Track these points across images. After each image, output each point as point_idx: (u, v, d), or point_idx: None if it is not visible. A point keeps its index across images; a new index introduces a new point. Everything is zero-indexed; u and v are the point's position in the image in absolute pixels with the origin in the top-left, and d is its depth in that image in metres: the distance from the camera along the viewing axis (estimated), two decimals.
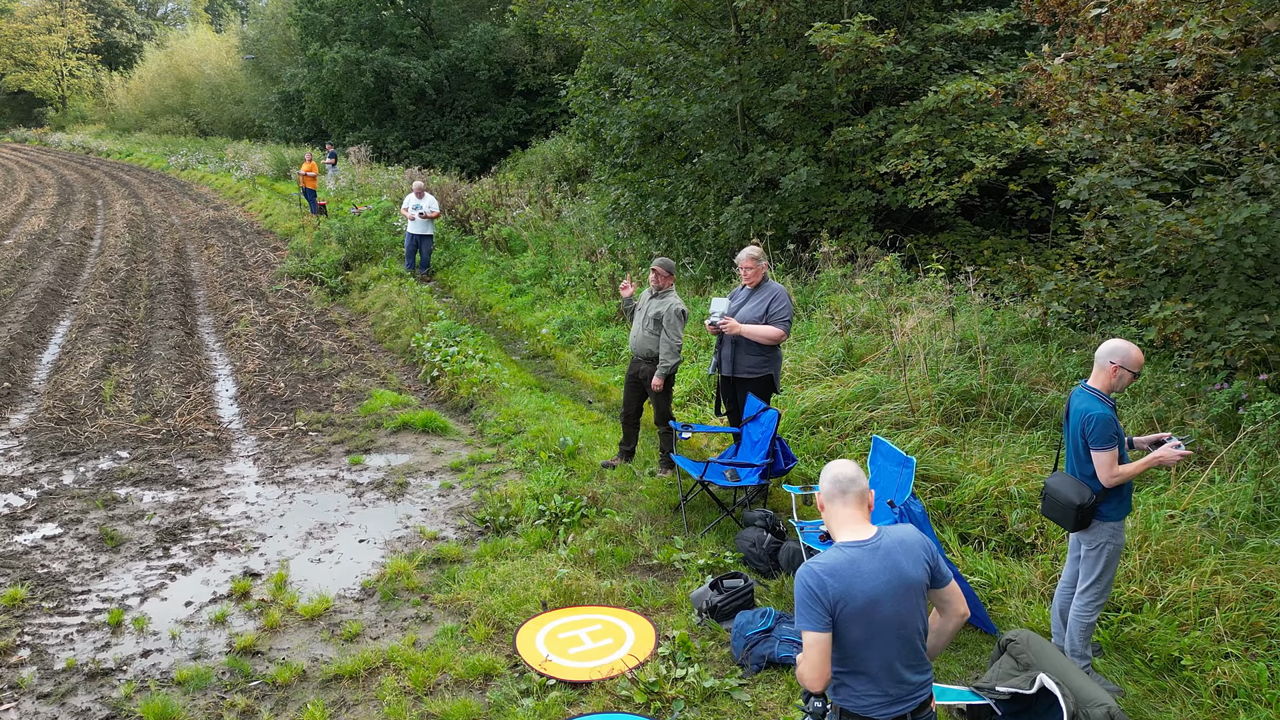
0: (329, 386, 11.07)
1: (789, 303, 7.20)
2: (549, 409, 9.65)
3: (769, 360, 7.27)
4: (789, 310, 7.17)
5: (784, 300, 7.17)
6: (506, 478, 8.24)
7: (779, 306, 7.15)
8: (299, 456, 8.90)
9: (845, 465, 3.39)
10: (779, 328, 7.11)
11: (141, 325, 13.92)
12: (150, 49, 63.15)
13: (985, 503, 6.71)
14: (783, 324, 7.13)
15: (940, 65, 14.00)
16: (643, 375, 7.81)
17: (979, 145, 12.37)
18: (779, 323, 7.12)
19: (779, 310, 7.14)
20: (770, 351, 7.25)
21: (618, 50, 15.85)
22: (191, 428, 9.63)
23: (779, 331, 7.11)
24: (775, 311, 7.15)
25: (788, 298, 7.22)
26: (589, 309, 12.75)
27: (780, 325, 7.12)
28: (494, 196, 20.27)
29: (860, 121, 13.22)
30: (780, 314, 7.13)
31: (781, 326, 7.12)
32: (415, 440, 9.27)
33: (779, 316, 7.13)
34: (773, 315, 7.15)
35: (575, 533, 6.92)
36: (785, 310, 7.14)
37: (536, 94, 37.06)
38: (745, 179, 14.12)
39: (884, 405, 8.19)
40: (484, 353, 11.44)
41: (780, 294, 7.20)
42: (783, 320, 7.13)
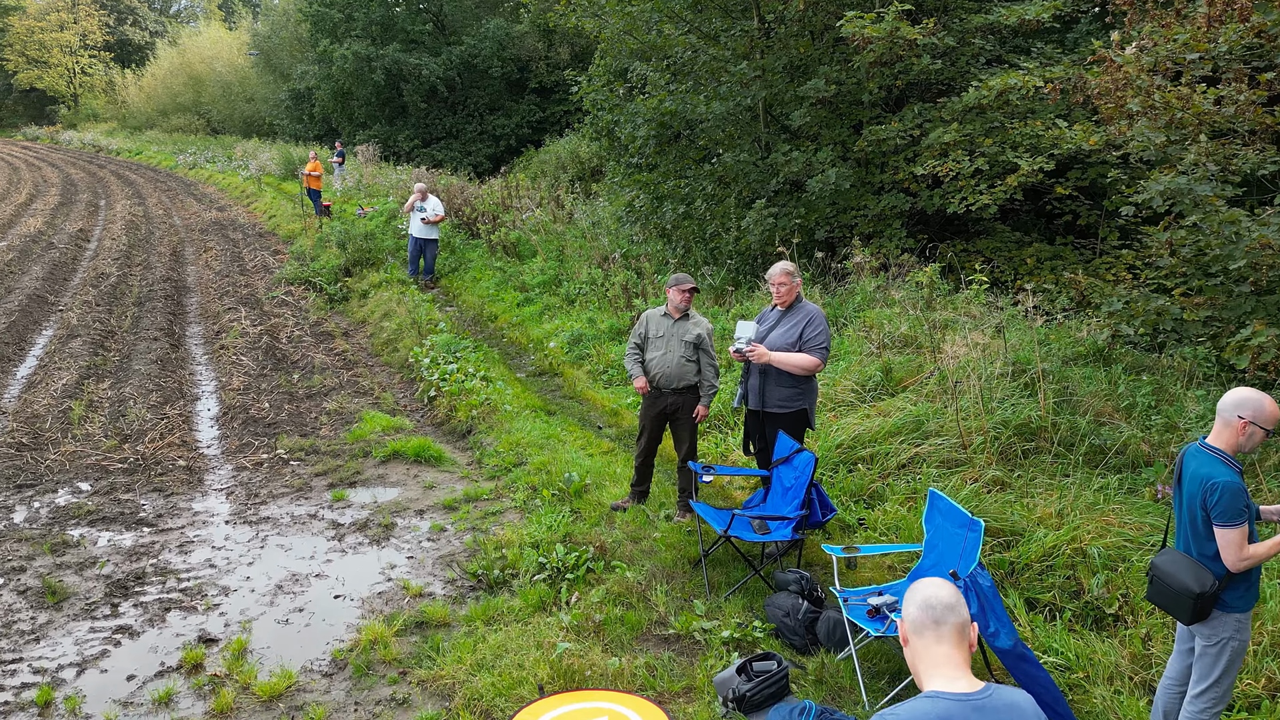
0: (317, 407, 10.20)
1: (826, 327, 6.27)
2: (554, 436, 8.74)
3: (803, 393, 6.34)
4: (826, 336, 6.24)
5: (820, 324, 6.24)
6: (504, 519, 7.34)
7: (814, 332, 6.22)
8: (277, 490, 8.03)
9: (940, 589, 2.47)
10: (815, 356, 6.19)
11: (125, 336, 13.10)
12: (163, 46, 62.60)
13: (1056, 562, 5.76)
14: (819, 352, 6.20)
15: (978, 59, 13.02)
16: (671, 409, 6.90)
17: (1023, 145, 11.40)
18: (815, 350, 6.19)
19: (815, 336, 6.22)
20: (804, 383, 6.32)
21: (633, 44, 14.92)
22: (163, 455, 8.77)
23: (815, 361, 6.18)
24: (810, 337, 6.22)
25: (824, 321, 6.29)
26: (600, 321, 11.84)
27: (816, 353, 6.19)
28: (503, 198, 19.38)
29: (893, 119, 12.26)
30: (816, 340, 6.21)
31: (818, 355, 6.19)
32: (406, 472, 8.38)
33: (815, 343, 6.20)
34: (807, 341, 6.22)
35: (580, 591, 6.02)
36: (822, 336, 6.22)
37: (550, 91, 36.19)
38: (768, 181, 13.18)
39: (931, 440, 7.25)
40: (485, 370, 10.55)
41: (816, 317, 6.27)
42: (819, 348, 6.20)
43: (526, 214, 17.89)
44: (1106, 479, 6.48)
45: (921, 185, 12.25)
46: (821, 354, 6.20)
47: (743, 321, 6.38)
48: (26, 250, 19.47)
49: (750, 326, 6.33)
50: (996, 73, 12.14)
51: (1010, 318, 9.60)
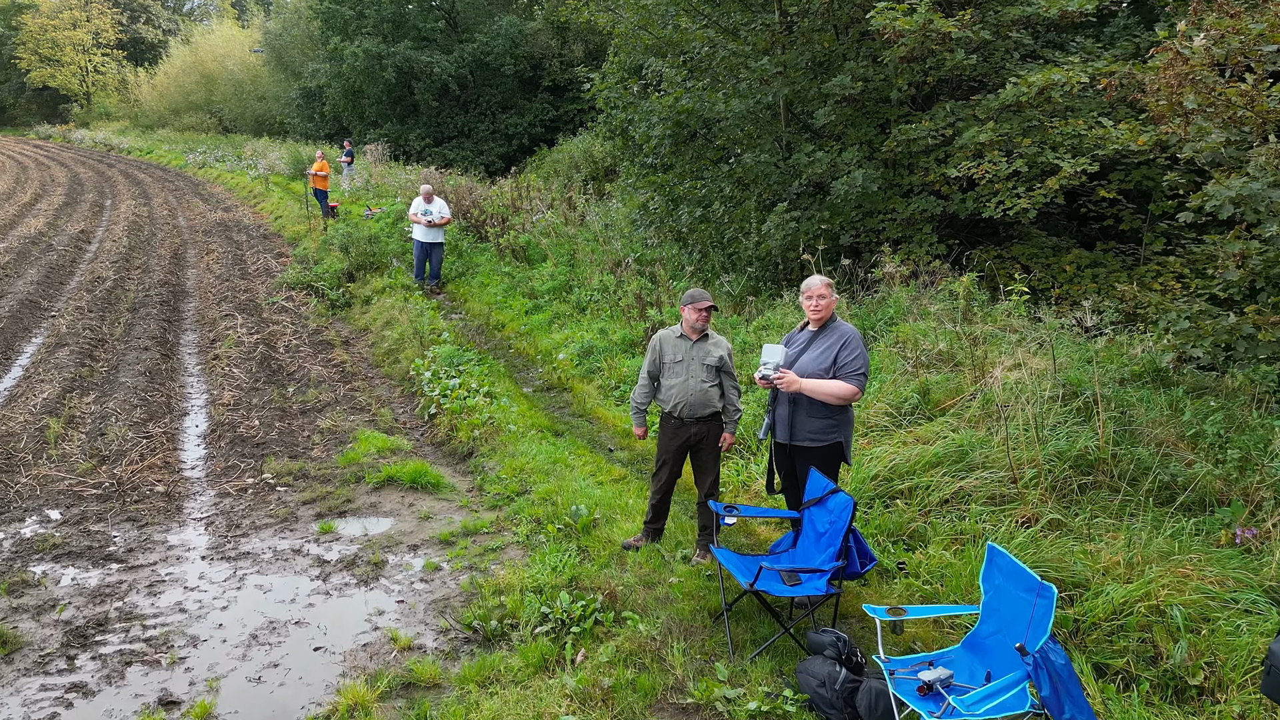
0: (310, 424, 9.57)
1: (863, 350, 5.58)
2: (561, 461, 8.08)
3: (838, 424, 5.65)
4: (864, 361, 5.55)
5: (857, 347, 5.56)
6: (505, 556, 6.68)
7: (851, 356, 5.54)
8: (260, 521, 7.39)
9: None
10: (852, 384, 5.50)
11: (116, 345, 12.51)
12: (175, 45, 62.27)
13: (1128, 621, 5.06)
14: (856, 379, 5.51)
15: (1011, 55, 12.29)
16: (695, 439, 6.23)
17: (1064, 145, 10.68)
18: (851, 377, 5.51)
19: (851, 360, 5.53)
20: (839, 413, 5.64)
21: (647, 40, 14.24)
22: (142, 479, 8.15)
23: (851, 389, 5.50)
24: (846, 362, 5.53)
25: (861, 344, 5.60)
26: (612, 332, 11.17)
27: (853, 380, 5.51)
28: (513, 199, 18.73)
29: (924, 118, 11.54)
30: (852, 365, 5.52)
31: (854, 382, 5.51)
32: (400, 500, 7.73)
33: (851, 369, 5.52)
34: (843, 367, 5.54)
35: (586, 648, 5.35)
36: (859, 361, 5.53)
37: (564, 89, 35.56)
38: (790, 183, 12.48)
39: (976, 472, 6.55)
40: (490, 384, 9.90)
41: (852, 339, 5.58)
42: (856, 374, 5.51)
43: (537, 216, 17.24)
44: (1180, 522, 5.77)
45: (953, 188, 11.55)
46: (859, 381, 5.52)
47: (769, 345, 5.70)
48: (25, 252, 18.94)
49: (778, 351, 5.65)
50: (1033, 69, 11.43)
51: (1055, 332, 8.90)
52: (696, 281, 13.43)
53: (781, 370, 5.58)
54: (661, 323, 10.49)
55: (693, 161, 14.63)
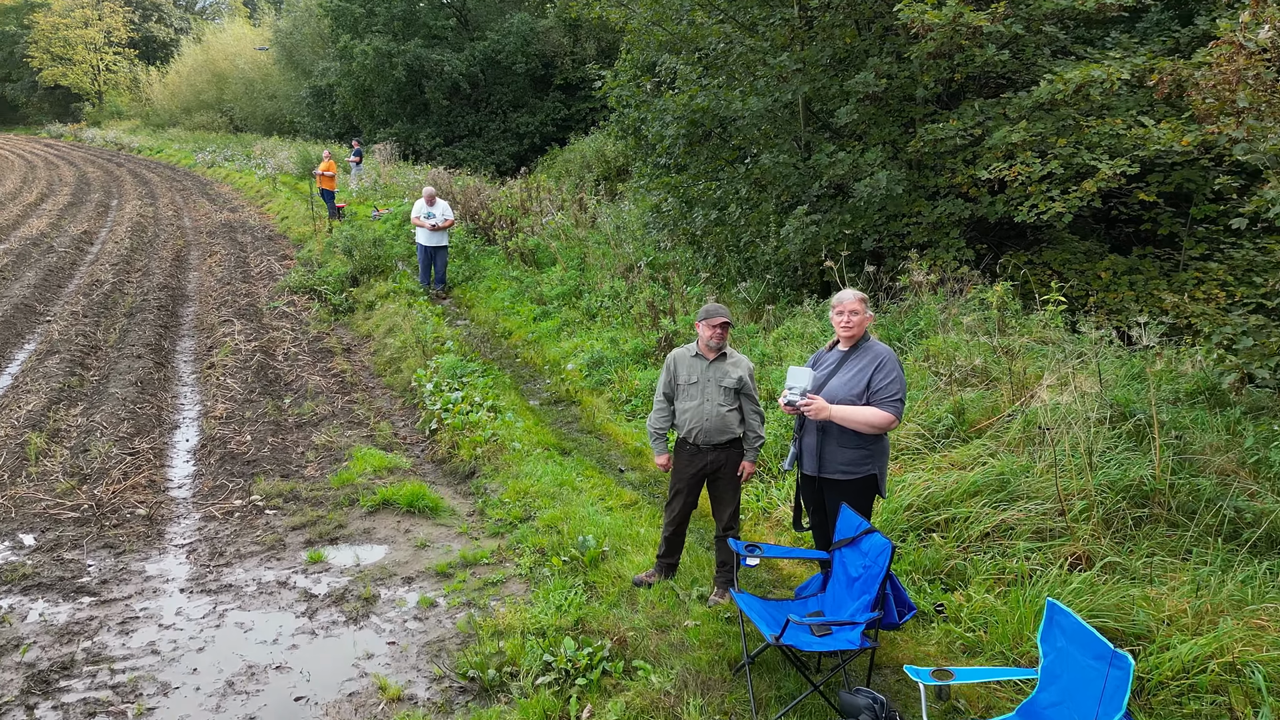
0: (305, 440, 9.09)
1: (900, 373, 5.05)
2: (568, 483, 7.56)
3: (871, 455, 5.12)
4: (901, 385, 5.02)
5: (893, 370, 5.02)
6: (506, 590, 6.18)
7: (886, 379, 5.00)
8: (245, 548, 6.90)
9: None
10: (887, 411, 4.97)
11: (109, 352, 12.06)
12: (187, 43, 62.02)
13: (1199, 681, 4.52)
14: (892, 405, 4.98)
15: (1042, 50, 11.70)
16: (712, 467, 5.71)
17: (1101, 146, 10.10)
18: (887, 404, 4.97)
19: (886, 384, 4.99)
20: (873, 443, 5.11)
21: (661, 36, 13.71)
22: (123, 500, 7.67)
23: (887, 417, 4.97)
24: (880, 386, 5.00)
25: (898, 366, 5.06)
26: (623, 341, 10.65)
27: (889, 407, 4.97)
28: (522, 201, 18.22)
29: (951, 117, 10.97)
30: (888, 390, 4.99)
31: (890, 409, 4.97)
32: (396, 525, 7.23)
33: (887, 394, 4.98)
34: (877, 391, 5.00)
35: (593, 703, 4.84)
36: (896, 385, 5.00)
37: (576, 88, 35.07)
38: (810, 184, 11.93)
39: (1019, 503, 6.01)
40: (494, 398, 9.39)
41: (887, 360, 5.05)
42: (892, 400, 4.98)
43: (547, 218, 16.74)
44: (1251, 565, 5.21)
45: (982, 190, 11.00)
46: (896, 408, 4.98)
47: (795, 368, 5.16)
48: (25, 254, 18.55)
49: (805, 374, 5.11)
50: (1068, 65, 10.87)
51: (1095, 345, 8.35)
52: (711, 287, 12.91)
53: (809, 396, 5.05)
54: (675, 333, 9.97)
55: (708, 162, 14.10)
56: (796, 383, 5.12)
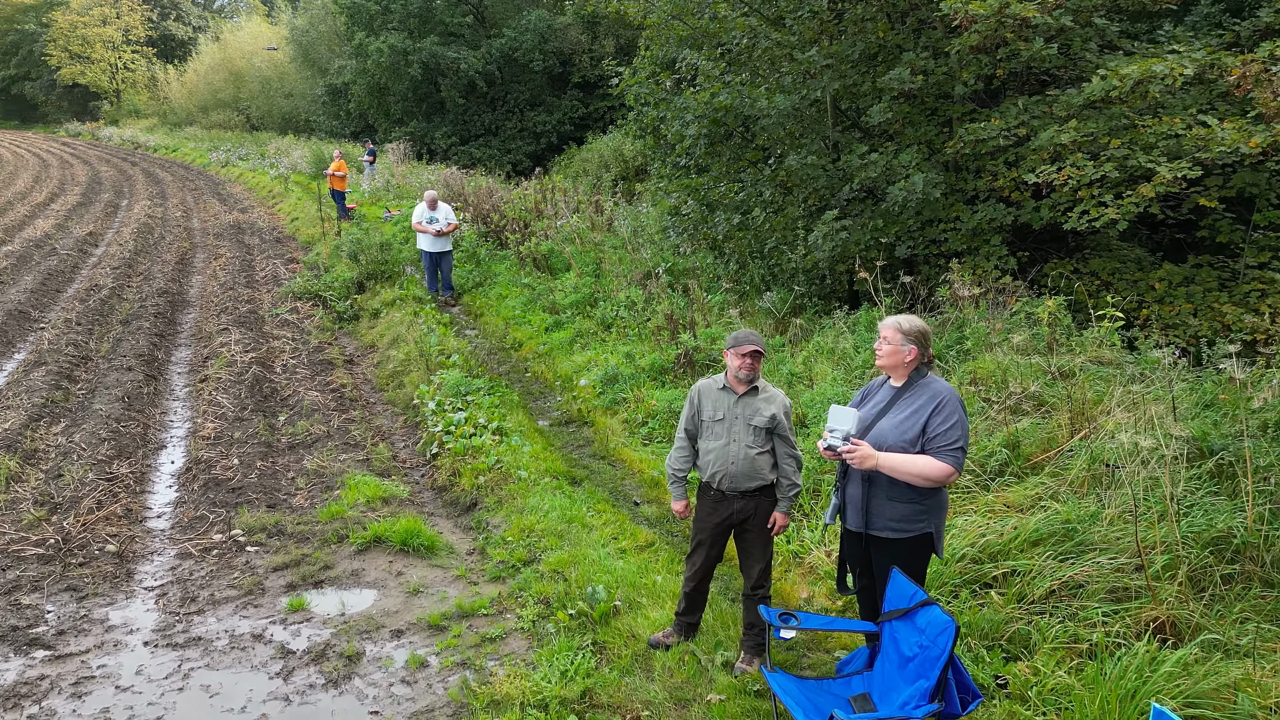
0: (296, 464, 8.44)
1: (962, 417, 4.31)
2: (577, 519, 6.87)
3: (926, 510, 4.40)
4: (962, 431, 4.28)
5: (953, 413, 4.29)
6: (506, 649, 5.49)
7: (945, 424, 4.27)
8: (220, 593, 6.25)
9: None
10: (945, 461, 4.24)
11: (100, 363, 11.47)
12: (205, 42, 61.78)
13: None
14: (951, 455, 4.25)
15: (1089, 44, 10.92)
16: (739, 517, 5.00)
17: (1158, 147, 9.32)
18: (945, 453, 4.25)
19: (944, 430, 4.27)
20: (928, 497, 4.38)
21: (682, 31, 12.97)
22: (94, 534, 7.04)
23: (944, 469, 4.24)
24: (938, 432, 4.27)
25: (959, 408, 4.33)
26: (640, 356, 9.94)
27: (947, 457, 4.25)
28: (536, 203, 17.54)
29: (993, 116, 10.22)
30: (947, 438, 4.26)
31: (948, 459, 4.25)
32: (388, 566, 6.56)
33: (945, 442, 4.25)
34: (934, 438, 4.28)
35: None
36: (956, 432, 4.26)
37: (594, 86, 34.41)
38: (840, 187, 11.20)
39: (1089, 555, 5.27)
40: (500, 419, 8.71)
41: (947, 401, 4.31)
42: (951, 449, 4.25)
43: (561, 221, 16.05)
44: None
45: (1024, 195, 10.25)
46: (955, 458, 4.25)
47: (838, 407, 4.44)
48: (26, 256, 18.05)
49: (848, 415, 4.39)
50: (1121, 60, 10.09)
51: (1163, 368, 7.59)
52: (734, 296, 12.19)
53: (853, 440, 4.34)
54: (695, 348, 9.26)
55: (730, 163, 13.39)
56: (838, 424, 4.41)
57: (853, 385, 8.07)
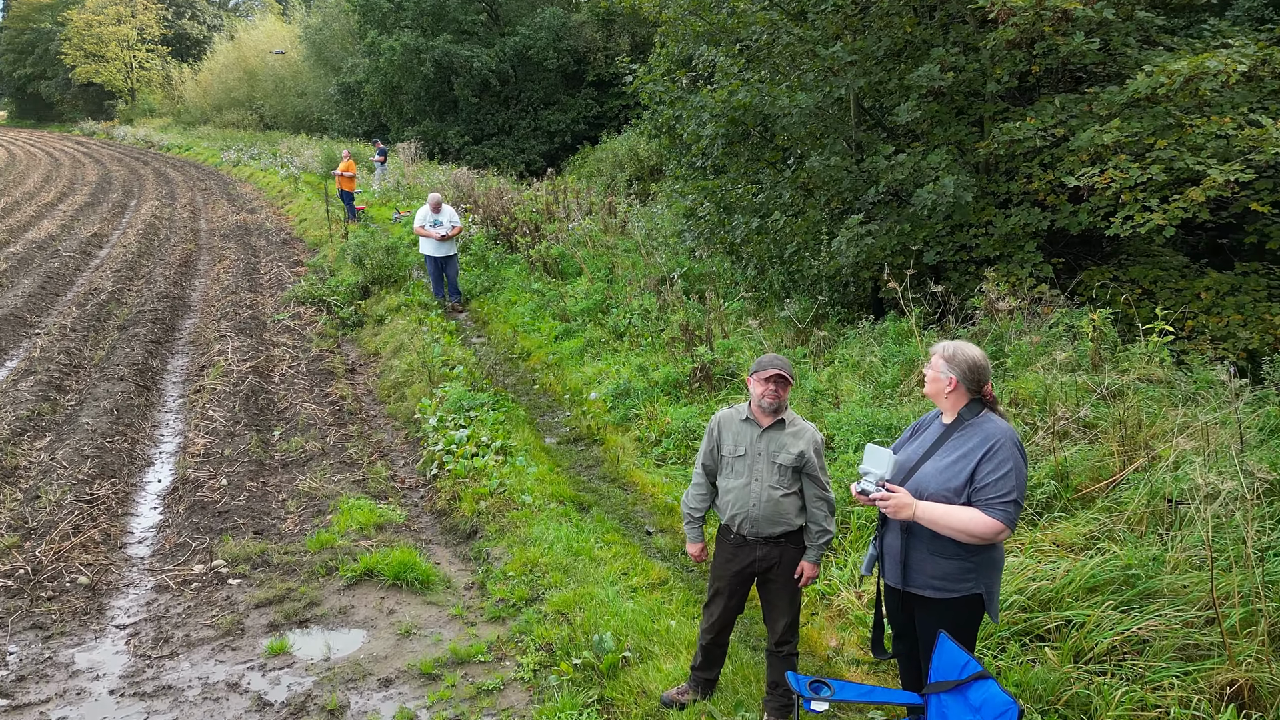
0: (288, 484, 7.95)
1: (1018, 464, 3.73)
2: (585, 552, 6.34)
3: (975, 568, 3.84)
4: (1016, 482, 3.69)
5: (1007, 460, 3.71)
6: (503, 702, 4.98)
7: (996, 472, 3.70)
8: (197, 632, 5.76)
9: None
10: (993, 516, 3.67)
11: (92, 372, 11.03)
12: (219, 40, 61.61)
13: None
14: (1000, 509, 3.68)
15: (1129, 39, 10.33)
16: (762, 565, 4.46)
17: (1207, 148, 8.73)
18: (994, 506, 3.68)
19: (995, 479, 3.69)
20: (977, 553, 3.82)
21: (699, 26, 12.41)
22: (67, 563, 6.56)
23: (992, 524, 3.67)
24: (987, 481, 3.70)
25: (1016, 454, 3.74)
26: (653, 368, 9.41)
27: (995, 511, 3.68)
28: (547, 205, 17.03)
29: (1028, 115, 9.65)
30: (997, 489, 3.68)
31: (997, 514, 3.67)
32: (379, 603, 6.05)
33: (996, 494, 3.68)
34: (982, 487, 3.71)
35: None
36: (1009, 483, 3.68)
37: (609, 85, 33.91)
38: (865, 190, 10.64)
39: (1154, 606, 4.71)
40: (505, 437, 8.21)
41: (1001, 445, 3.74)
42: (1001, 502, 3.68)
43: (573, 224, 15.53)
44: None
45: (1060, 198, 9.68)
46: (1005, 512, 3.68)
47: (873, 447, 3.90)
48: (28, 259, 17.66)
49: (884, 457, 3.84)
50: (1156, 55, 9.51)
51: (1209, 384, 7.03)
52: (752, 303, 11.65)
53: (888, 486, 3.80)
54: (712, 362, 8.72)
55: (748, 164, 12.84)
56: (873, 467, 3.87)
57: (882, 404, 7.52)
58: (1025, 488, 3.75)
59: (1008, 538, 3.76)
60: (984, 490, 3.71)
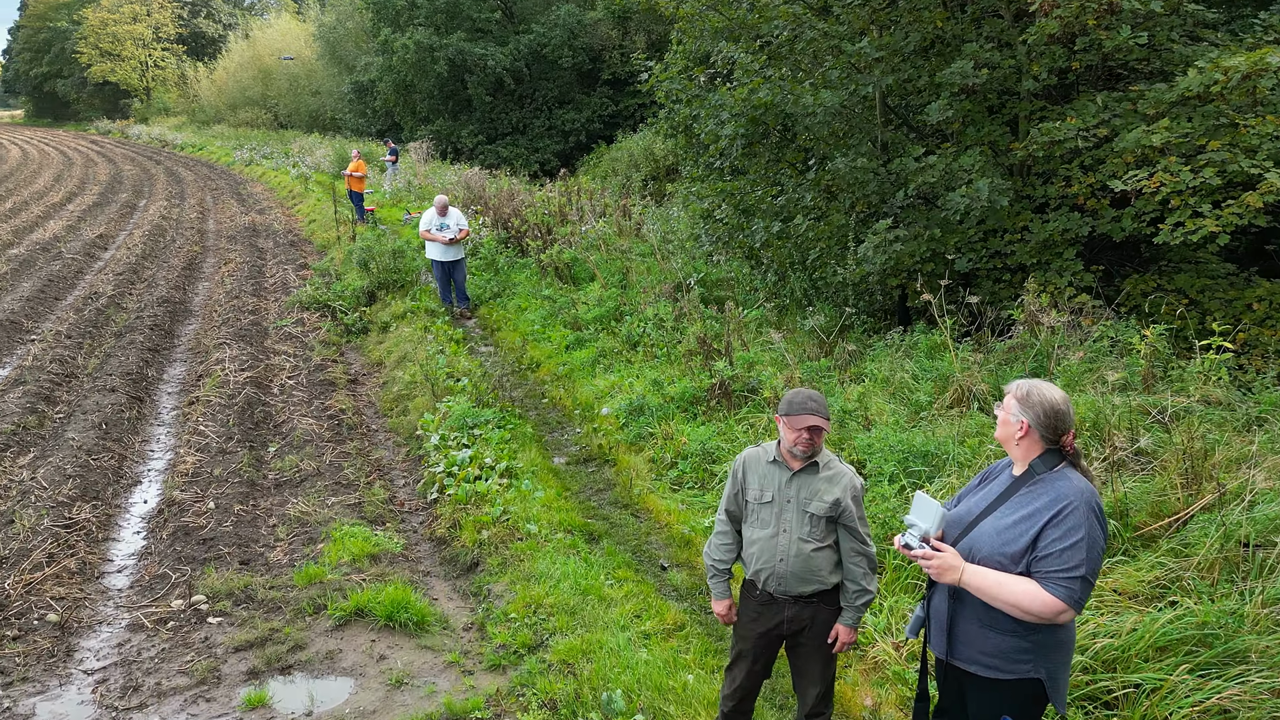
0: (280, 508, 7.47)
1: (1091, 531, 3.10)
2: (594, 590, 5.82)
3: (1033, 647, 3.25)
4: (1088, 553, 3.07)
5: (1078, 525, 3.10)
6: None
7: (1064, 540, 3.10)
8: (169, 680, 5.27)
9: None
10: (1053, 593, 3.09)
11: (84, 382, 10.59)
12: (234, 39, 61.42)
13: None
14: (1062, 584, 3.09)
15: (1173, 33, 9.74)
16: (791, 628, 3.93)
17: (1263, 150, 8.14)
18: (1055, 580, 3.09)
19: (1061, 548, 3.10)
20: (1038, 630, 3.23)
21: (717, 22, 11.89)
22: (38, 597, 6.10)
23: (1050, 602, 3.09)
24: (1051, 549, 3.11)
25: (1091, 520, 3.12)
26: (669, 383, 8.87)
27: (1056, 586, 3.09)
28: (560, 206, 16.53)
29: (1068, 114, 9.08)
30: (1062, 560, 3.08)
31: (1058, 590, 3.09)
32: (369, 647, 5.55)
33: (1058, 566, 3.09)
34: (1045, 556, 3.12)
35: None
36: (1077, 554, 3.07)
37: (624, 83, 33.39)
38: (893, 193, 10.09)
39: (1235, 669, 4.16)
40: (510, 458, 7.70)
41: (1073, 508, 3.12)
42: (1065, 576, 3.08)
43: (586, 226, 15.02)
44: None
45: (1102, 202, 9.12)
46: (1068, 590, 3.07)
47: (922, 495, 3.36)
48: (30, 261, 17.28)
49: (931, 509, 3.29)
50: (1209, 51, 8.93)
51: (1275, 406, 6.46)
52: (773, 310, 11.12)
53: (932, 543, 3.27)
54: (732, 377, 8.19)
55: (769, 165, 12.31)
56: (919, 519, 3.34)
57: (916, 425, 6.97)
58: (1099, 563, 3.16)
59: (1070, 619, 3.16)
60: (1046, 560, 3.14)
